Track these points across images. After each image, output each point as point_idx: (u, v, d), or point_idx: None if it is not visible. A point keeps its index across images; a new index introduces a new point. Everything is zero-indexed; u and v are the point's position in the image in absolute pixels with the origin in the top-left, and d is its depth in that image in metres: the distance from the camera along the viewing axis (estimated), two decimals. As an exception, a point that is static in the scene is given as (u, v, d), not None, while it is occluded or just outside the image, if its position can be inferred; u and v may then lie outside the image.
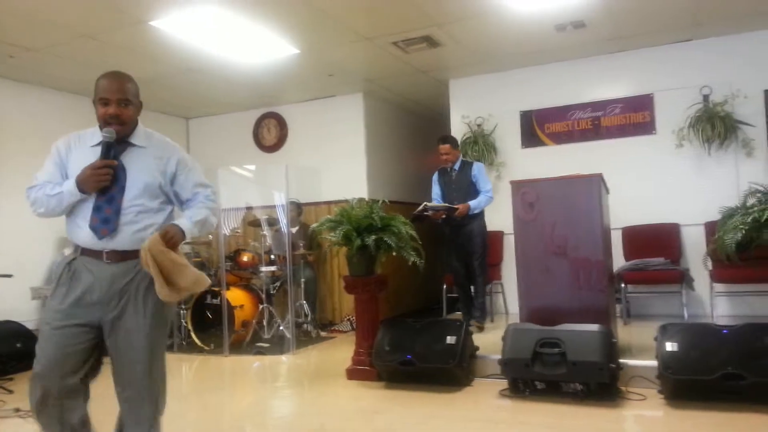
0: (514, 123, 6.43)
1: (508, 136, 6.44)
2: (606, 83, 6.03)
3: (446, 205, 5.14)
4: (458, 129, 6.63)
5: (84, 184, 2.16)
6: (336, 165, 7.16)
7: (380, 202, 4.55)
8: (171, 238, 2.25)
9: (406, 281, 6.93)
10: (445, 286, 6.20)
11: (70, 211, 2.24)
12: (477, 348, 4.20)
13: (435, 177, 5.50)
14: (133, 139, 2.34)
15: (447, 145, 5.35)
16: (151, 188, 2.30)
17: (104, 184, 2.16)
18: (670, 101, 5.71)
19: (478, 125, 6.52)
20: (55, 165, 2.28)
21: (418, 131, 8.34)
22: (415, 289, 7.32)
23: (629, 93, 5.92)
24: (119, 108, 2.26)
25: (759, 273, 4.78)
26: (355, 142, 7.11)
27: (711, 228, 5.17)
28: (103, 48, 5.12)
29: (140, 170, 2.29)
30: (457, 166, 5.38)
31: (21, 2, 4.18)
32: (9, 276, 4.57)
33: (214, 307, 5.70)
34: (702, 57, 5.65)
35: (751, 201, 3.57)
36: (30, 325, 5.27)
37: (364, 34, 5.17)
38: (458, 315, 5.66)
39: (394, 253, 4.36)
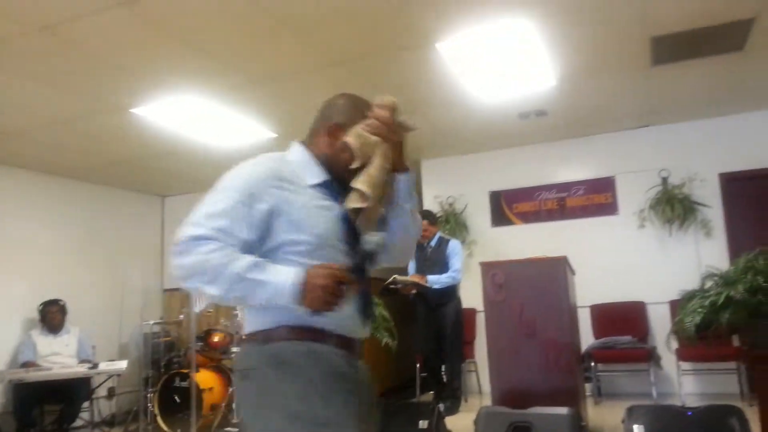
0: (483, 203, 6.63)
1: (478, 215, 6.62)
2: (570, 166, 6.31)
3: (414, 280, 5.16)
4: (431, 208, 6.78)
5: (308, 294, 1.39)
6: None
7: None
8: None
9: (380, 359, 6.87)
10: (418, 365, 6.16)
11: None
12: None
13: None
14: None
15: (424, 221, 5.45)
16: None
17: (330, 310, 1.41)
18: (631, 183, 5.99)
19: (450, 204, 6.70)
20: (243, 207, 1.46)
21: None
22: (389, 367, 7.25)
23: (592, 175, 6.20)
24: None
25: (720, 352, 4.92)
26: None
27: (675, 306, 5.30)
28: (80, 133, 5.25)
29: None
30: (433, 242, 5.44)
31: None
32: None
33: (182, 390, 5.57)
34: (659, 142, 5.97)
35: (708, 284, 3.69)
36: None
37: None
38: (432, 395, 5.61)
39: (367, 334, 4.38)
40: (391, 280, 5.06)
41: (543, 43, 4.00)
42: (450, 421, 4.36)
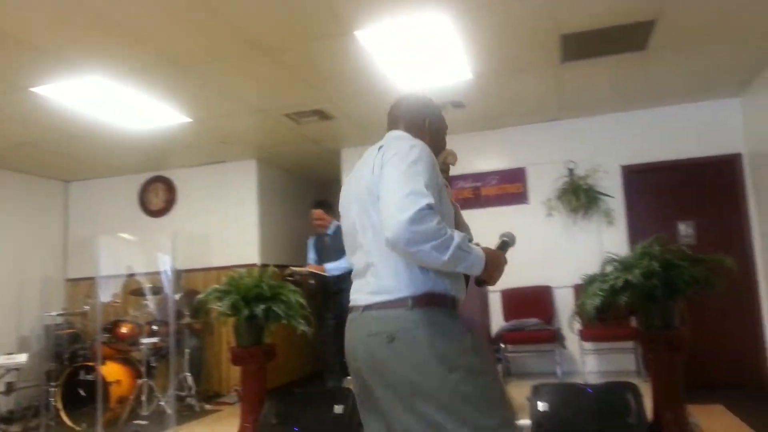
0: (402, 191, 6.70)
1: (396, 203, 6.69)
2: (484, 156, 6.50)
3: (308, 269, 5.16)
4: (349, 196, 6.82)
5: (491, 269, 1.78)
6: (227, 230, 7.08)
7: (270, 269, 4.55)
8: None
9: (298, 347, 6.88)
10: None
11: None
12: (365, 416, 4.23)
13: (311, 242, 5.56)
14: None
15: (319, 210, 5.41)
16: None
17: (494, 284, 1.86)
18: (540, 174, 6.25)
19: (369, 193, 6.74)
20: (434, 182, 1.78)
21: (311, 198, 8.45)
22: (308, 356, 7.26)
23: (505, 166, 6.42)
24: None
25: (618, 332, 5.26)
26: (247, 208, 7.10)
27: (579, 290, 5.61)
28: (-26, 109, 4.88)
29: None
30: (331, 231, 5.45)
31: None
32: None
33: (87, 383, 5.33)
34: (567, 135, 6.26)
35: (608, 269, 3.94)
36: None
37: (257, 106, 5.28)
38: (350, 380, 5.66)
39: (284, 322, 4.35)
40: (288, 272, 5.02)
41: (459, 37, 4.09)
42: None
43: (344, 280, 5.16)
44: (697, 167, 5.90)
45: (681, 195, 5.97)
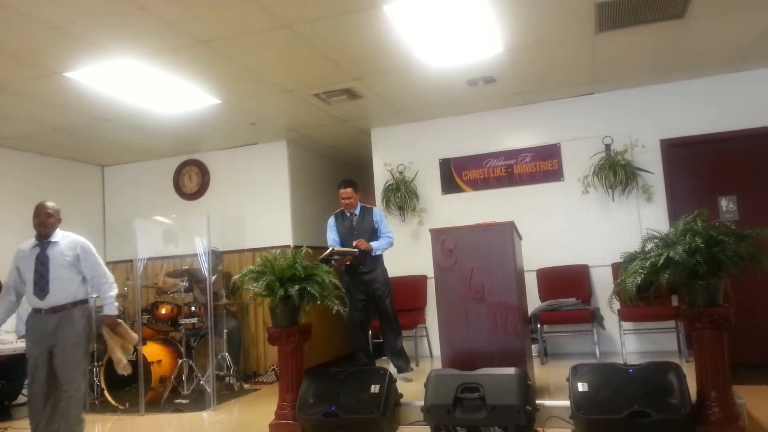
0: (434, 170, 6.64)
1: (428, 182, 6.64)
2: (517, 133, 6.37)
3: (353, 249, 5.05)
4: (381, 176, 6.78)
5: None
6: (260, 212, 7.13)
7: (303, 250, 4.55)
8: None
9: (333, 327, 6.92)
10: (370, 332, 6.20)
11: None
12: (401, 395, 4.22)
13: (331, 222, 5.37)
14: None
15: (350, 189, 5.26)
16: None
17: None
18: (576, 150, 6.10)
19: (400, 172, 6.69)
20: None
21: (342, 178, 8.43)
22: (342, 335, 7.30)
23: (538, 142, 6.27)
24: None
25: (659, 312, 5.10)
26: (279, 189, 7.12)
27: (617, 269, 5.48)
28: (11, 98, 4.97)
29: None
30: (357, 212, 5.35)
31: None
32: None
33: (129, 363, 5.45)
34: (603, 109, 6.08)
35: (649, 246, 3.83)
36: None
37: (286, 87, 5.25)
38: (385, 360, 5.66)
39: (318, 302, 4.35)
40: (329, 251, 4.93)
41: (490, 7, 3.98)
42: (401, 384, 4.42)
43: (375, 260, 5.19)
44: (739, 140, 5.67)
45: (722, 169, 5.76)
